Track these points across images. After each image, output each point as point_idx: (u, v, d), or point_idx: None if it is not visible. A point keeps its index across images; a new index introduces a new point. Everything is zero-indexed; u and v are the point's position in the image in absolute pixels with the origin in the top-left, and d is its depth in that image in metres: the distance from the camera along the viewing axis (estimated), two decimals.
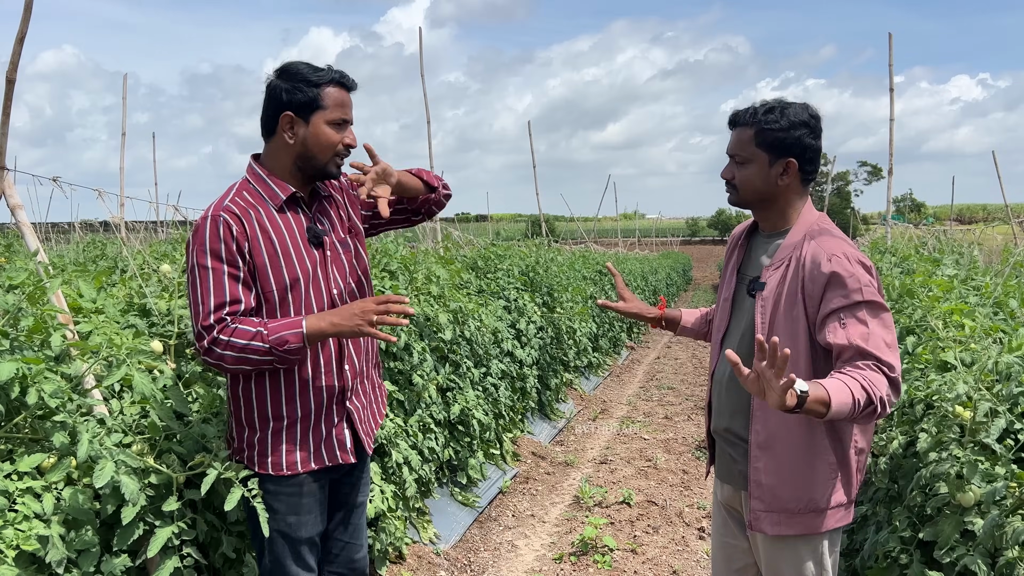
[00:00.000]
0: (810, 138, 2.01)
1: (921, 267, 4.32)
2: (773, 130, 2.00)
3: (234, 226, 1.99)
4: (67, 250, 6.43)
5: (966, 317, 2.98)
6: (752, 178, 2.05)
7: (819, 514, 2.01)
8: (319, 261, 2.14)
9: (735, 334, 2.14)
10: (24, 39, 2.19)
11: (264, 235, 2.04)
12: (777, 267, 2.02)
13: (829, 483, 2.00)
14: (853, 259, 1.92)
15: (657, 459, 5.75)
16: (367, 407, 2.31)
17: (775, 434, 2.01)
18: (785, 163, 2.02)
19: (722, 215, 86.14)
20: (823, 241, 1.97)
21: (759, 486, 2.04)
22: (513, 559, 4.11)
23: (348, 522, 2.37)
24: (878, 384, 1.83)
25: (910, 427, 2.81)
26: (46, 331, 2.05)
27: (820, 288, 1.92)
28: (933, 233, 7.04)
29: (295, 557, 2.18)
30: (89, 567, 1.85)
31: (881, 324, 1.90)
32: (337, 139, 2.09)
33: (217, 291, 1.97)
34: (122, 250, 4.34)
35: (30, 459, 1.81)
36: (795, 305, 1.96)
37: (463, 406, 4.51)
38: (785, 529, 2.02)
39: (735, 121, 2.09)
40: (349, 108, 2.12)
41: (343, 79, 2.10)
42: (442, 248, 6.37)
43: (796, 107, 2.02)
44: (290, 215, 2.11)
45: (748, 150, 2.04)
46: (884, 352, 1.87)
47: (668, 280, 21.02)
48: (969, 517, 2.22)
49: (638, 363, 10.91)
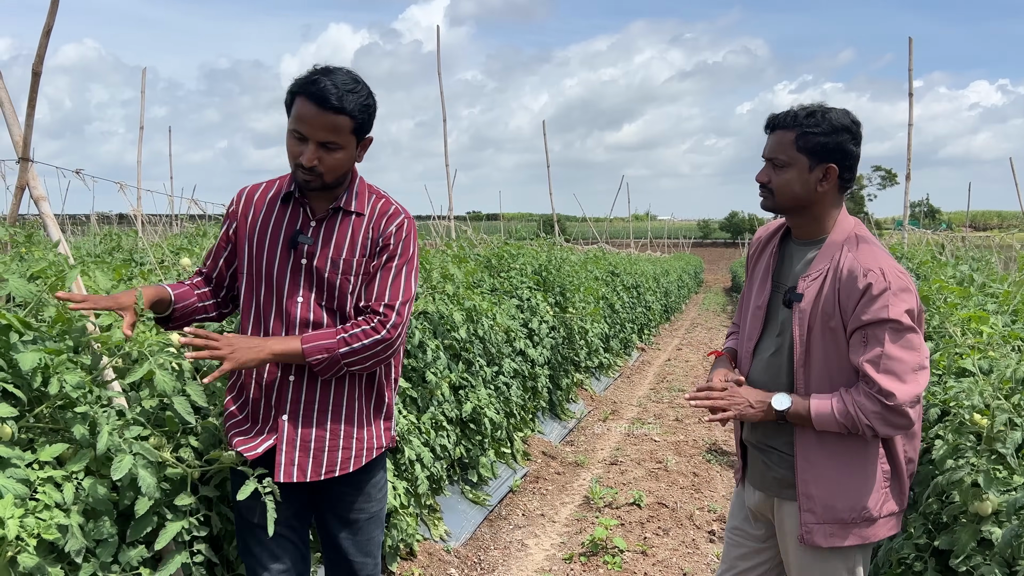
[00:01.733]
0: (851, 144, 1.99)
1: (938, 273, 4.29)
2: (815, 134, 1.97)
3: (233, 199, 2.22)
4: (83, 242, 6.48)
5: (984, 324, 2.96)
6: (791, 183, 2.01)
7: (871, 523, 2.00)
8: (290, 263, 2.10)
9: (768, 344, 2.11)
10: (51, 31, 2.21)
11: (255, 212, 2.17)
12: (815, 278, 1.99)
13: (883, 491, 1.99)
14: (890, 273, 1.90)
15: (668, 461, 5.74)
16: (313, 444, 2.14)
17: (825, 445, 1.99)
18: (825, 168, 1.98)
19: (734, 218, 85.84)
20: (861, 253, 1.95)
21: (810, 498, 2.01)
22: (523, 558, 4.11)
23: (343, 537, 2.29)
24: (866, 412, 1.89)
25: (926, 434, 2.79)
26: (68, 321, 2.06)
27: (853, 302, 1.91)
28: (951, 239, 7.00)
29: (258, 542, 2.16)
30: (107, 557, 1.87)
31: (901, 346, 1.88)
32: (294, 151, 2.01)
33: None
34: (138, 243, 4.36)
35: (51, 449, 1.82)
36: (832, 317, 1.95)
37: (475, 404, 4.51)
38: (838, 540, 2.00)
39: (774, 124, 2.05)
40: (309, 125, 1.96)
41: (313, 89, 1.95)
42: (456, 246, 6.38)
43: (838, 112, 1.99)
44: (288, 213, 2.14)
45: (788, 153, 2.00)
46: (887, 379, 1.87)
47: (680, 282, 20.96)
48: (986, 526, 2.21)
49: (649, 365, 10.89)
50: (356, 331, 2.08)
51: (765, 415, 2.01)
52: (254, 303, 2.15)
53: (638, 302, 12.52)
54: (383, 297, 2.13)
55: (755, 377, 2.13)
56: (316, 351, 2.05)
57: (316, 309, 2.11)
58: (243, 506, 2.12)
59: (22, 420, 1.86)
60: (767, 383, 2.08)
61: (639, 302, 12.63)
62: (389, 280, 2.14)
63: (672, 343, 13.44)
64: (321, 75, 1.98)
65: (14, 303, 2.12)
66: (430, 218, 8.92)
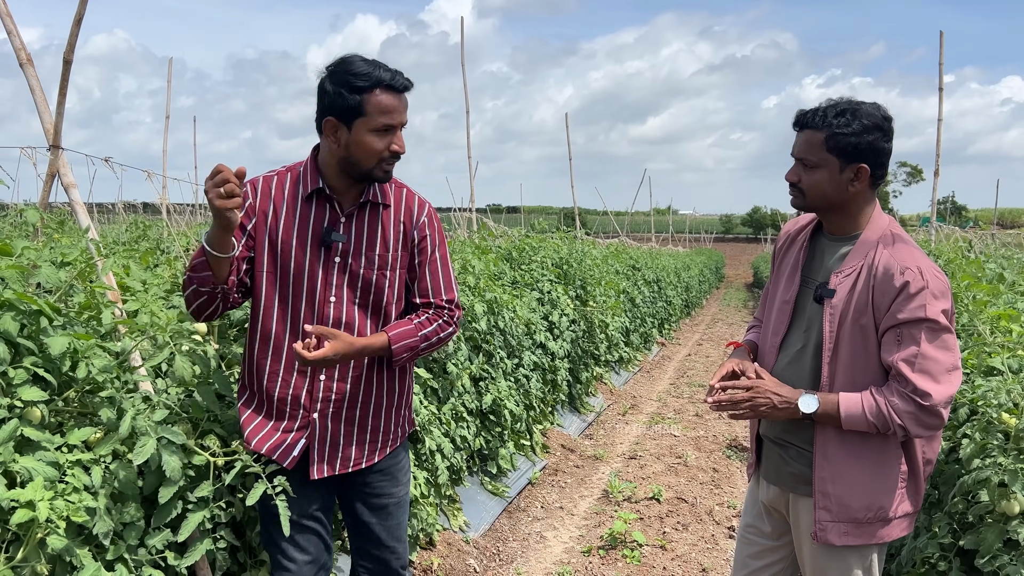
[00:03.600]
0: (883, 142, 1.94)
1: (967, 271, 4.23)
2: (845, 135, 1.91)
3: (247, 188, 2.06)
4: (110, 230, 6.55)
5: (1014, 323, 2.92)
6: (821, 183, 1.97)
7: (886, 523, 1.98)
8: (322, 262, 2.07)
9: (795, 339, 2.09)
10: (82, 20, 2.23)
11: (275, 208, 2.06)
12: (848, 274, 1.96)
13: (899, 492, 1.97)
14: (927, 273, 1.87)
15: (687, 456, 5.72)
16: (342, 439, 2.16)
17: (845, 443, 1.97)
18: (856, 168, 1.94)
19: (756, 213, 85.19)
20: (897, 251, 1.92)
21: (826, 496, 1.99)
22: (542, 550, 4.12)
23: (374, 522, 2.29)
24: (899, 412, 1.87)
25: (953, 432, 2.76)
26: (96, 308, 2.09)
27: (888, 300, 1.88)
28: (980, 236, 6.90)
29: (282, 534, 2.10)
30: (133, 540, 1.89)
31: (937, 347, 1.85)
32: (380, 147, 2.00)
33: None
34: (165, 231, 4.40)
35: (79, 432, 1.85)
36: (864, 314, 1.92)
37: (495, 396, 4.52)
38: (852, 539, 1.98)
39: (803, 123, 2.00)
40: (397, 112, 2.00)
41: (393, 81, 1.98)
42: (478, 237, 6.38)
43: (868, 108, 1.94)
44: (315, 208, 2.08)
45: (818, 155, 1.95)
46: (922, 378, 1.84)
47: (701, 277, 20.85)
48: (1013, 526, 2.18)
49: (669, 360, 10.85)
50: (432, 327, 2.16)
51: (790, 415, 1.99)
52: (284, 304, 2.08)
53: (659, 296, 12.47)
54: (441, 291, 2.19)
55: (779, 372, 2.10)
56: (402, 350, 2.11)
57: (349, 308, 2.11)
58: (268, 498, 2.13)
59: (52, 404, 1.89)
60: (792, 379, 2.06)
61: (660, 296, 12.58)
62: (439, 272, 2.20)
63: (693, 338, 13.38)
64: (374, 65, 1.98)
65: (44, 288, 2.15)
66: (451, 210, 8.93)
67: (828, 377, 1.98)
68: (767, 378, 2.04)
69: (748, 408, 2.01)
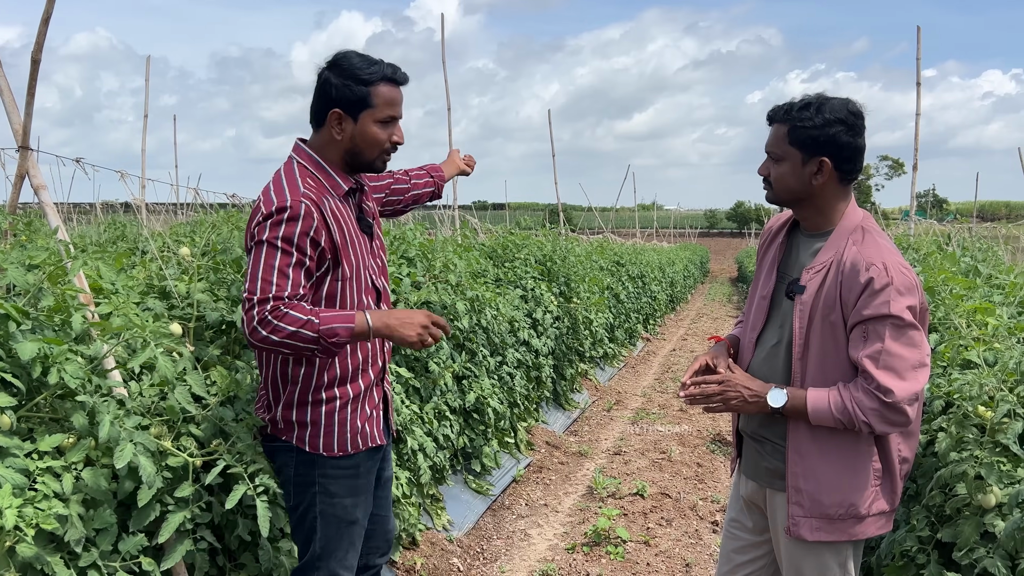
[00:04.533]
0: (847, 136, 1.94)
1: (944, 264, 4.26)
2: (806, 128, 1.94)
3: (315, 214, 1.98)
4: (88, 230, 6.48)
5: (989, 316, 2.94)
6: (785, 176, 2.00)
7: (859, 521, 1.98)
8: (367, 249, 2.19)
9: (771, 334, 2.10)
10: (50, 19, 2.20)
11: (336, 223, 2.05)
12: (818, 270, 1.97)
13: (872, 489, 1.98)
14: (893, 269, 1.87)
15: (672, 451, 5.74)
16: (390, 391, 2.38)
17: (817, 439, 1.98)
18: (818, 162, 1.95)
19: (740, 207, 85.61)
20: (865, 247, 1.92)
21: (798, 491, 2.01)
22: (526, 548, 4.11)
23: (381, 496, 2.41)
24: (863, 408, 1.88)
25: (929, 426, 2.77)
26: (67, 311, 2.06)
27: (855, 296, 1.89)
28: (958, 229, 6.96)
29: (348, 541, 2.20)
30: (107, 546, 1.87)
31: (903, 343, 1.86)
32: (384, 137, 2.10)
33: (281, 274, 1.94)
34: (142, 232, 4.36)
35: (50, 439, 1.82)
36: (833, 310, 1.93)
37: (478, 394, 4.51)
38: (824, 535, 1.99)
39: (772, 117, 2.03)
40: (399, 105, 2.11)
41: (395, 75, 2.09)
42: (460, 236, 6.36)
43: (835, 103, 1.95)
44: (347, 205, 2.15)
45: (782, 147, 1.99)
46: (886, 375, 1.85)
47: (685, 272, 20.91)
48: (989, 519, 2.19)
49: (654, 355, 10.88)
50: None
51: (760, 409, 2.01)
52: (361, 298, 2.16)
53: (643, 292, 12.50)
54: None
55: (756, 367, 2.12)
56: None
57: (384, 281, 2.30)
58: (346, 504, 2.17)
59: (21, 410, 1.86)
60: (767, 374, 2.07)
61: (644, 292, 12.61)
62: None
63: (677, 333, 13.42)
64: (374, 61, 2.07)
65: (13, 292, 2.12)
66: (435, 207, 8.89)
67: (799, 372, 1.99)
68: (738, 372, 2.06)
69: (720, 402, 2.04)
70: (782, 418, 2.02)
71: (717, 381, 2.04)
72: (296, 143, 2.16)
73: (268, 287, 1.93)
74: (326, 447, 2.13)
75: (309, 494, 2.15)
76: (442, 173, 2.75)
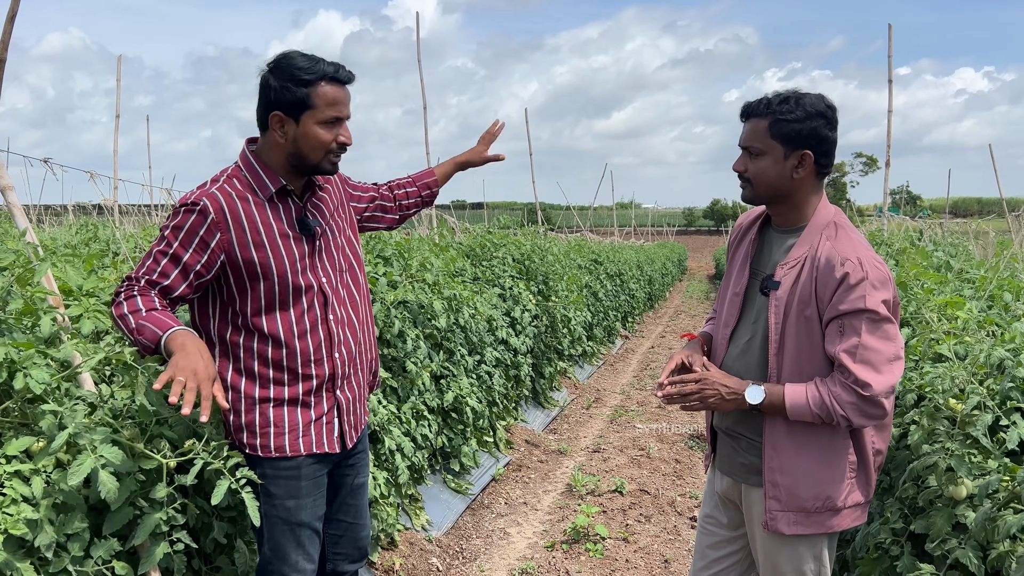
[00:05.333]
0: (827, 129, 1.96)
1: (915, 260, 4.32)
2: (788, 120, 1.94)
3: (211, 213, 1.98)
4: (59, 232, 6.39)
5: (959, 310, 2.98)
6: (766, 171, 1.99)
7: (836, 513, 2.00)
8: (308, 252, 2.12)
9: (744, 331, 2.11)
10: (15, 17, 2.16)
11: (250, 224, 2.03)
12: (792, 266, 1.98)
13: (848, 482, 2.00)
14: (867, 263, 1.89)
15: (650, 448, 5.76)
16: (358, 400, 2.29)
17: (792, 434, 1.99)
18: (801, 155, 1.96)
19: (716, 205, 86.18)
20: (840, 242, 1.94)
21: (775, 486, 2.02)
22: (505, 546, 4.11)
23: (350, 503, 2.38)
24: (841, 402, 1.89)
25: (901, 419, 2.80)
26: (35, 314, 2.03)
27: (830, 291, 1.90)
28: (930, 225, 7.05)
29: (296, 543, 2.17)
30: (78, 551, 1.84)
31: (878, 337, 1.87)
32: (328, 138, 2.05)
33: (152, 259, 2.00)
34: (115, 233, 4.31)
35: (18, 443, 1.79)
36: (808, 305, 1.94)
37: (457, 393, 4.50)
38: (802, 528, 2.01)
39: (748, 112, 2.02)
40: (343, 104, 2.06)
41: (337, 74, 2.03)
42: (437, 235, 6.35)
43: (812, 97, 1.97)
44: (280, 206, 2.09)
45: (763, 141, 1.98)
46: (863, 369, 1.86)
47: (663, 270, 21.00)
48: (961, 510, 2.22)
49: (632, 352, 10.92)
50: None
51: (738, 406, 2.01)
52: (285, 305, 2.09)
53: (621, 290, 12.54)
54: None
55: (730, 364, 2.13)
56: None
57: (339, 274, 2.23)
58: (288, 506, 2.14)
59: None
60: (741, 370, 2.08)
61: (622, 290, 12.65)
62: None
63: (656, 330, 13.48)
64: (316, 60, 2.03)
65: None
66: None
67: (775, 368, 2.00)
68: (713, 370, 2.07)
69: (697, 400, 2.04)
70: (758, 414, 2.03)
71: (694, 380, 2.04)
72: (244, 145, 2.14)
73: (139, 268, 2.01)
74: (263, 448, 2.11)
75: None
76: (434, 178, 2.68)
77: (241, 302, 2.06)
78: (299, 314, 2.11)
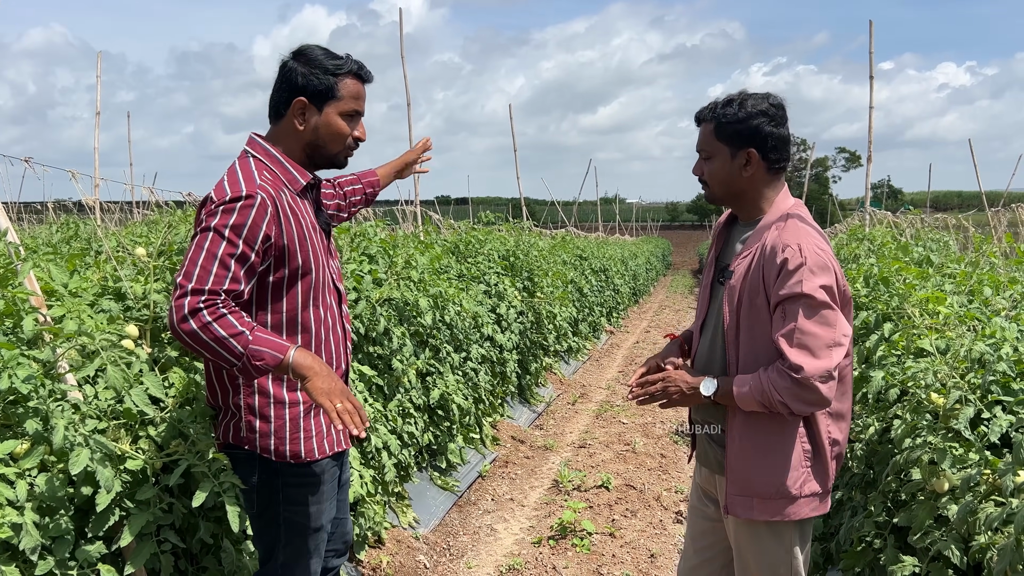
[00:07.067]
0: (770, 126, 2.02)
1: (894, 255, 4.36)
2: (730, 122, 2.03)
3: (269, 207, 1.89)
4: (40, 231, 6.32)
5: (941, 305, 3.01)
6: (718, 172, 2.08)
7: (790, 501, 2.02)
8: (324, 247, 2.14)
9: (711, 323, 2.17)
10: None
11: (294, 218, 1.98)
12: (745, 256, 2.04)
13: (802, 471, 2.02)
14: (807, 249, 1.91)
15: (636, 443, 5.79)
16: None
17: (748, 422, 2.04)
18: (746, 154, 2.03)
19: (700, 200, 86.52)
20: (786, 230, 1.98)
21: (733, 471, 2.07)
22: (492, 543, 4.12)
23: (339, 499, 2.38)
24: (778, 388, 1.92)
25: (884, 413, 2.83)
26: (17, 314, 2.01)
27: (772, 277, 1.94)
28: (911, 220, 7.11)
29: (314, 548, 2.17)
30: (63, 554, 1.83)
31: (816, 322, 1.89)
32: (348, 131, 2.08)
33: (222, 264, 1.82)
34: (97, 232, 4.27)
35: (3, 446, 1.78)
36: (758, 294, 1.98)
37: (443, 391, 4.50)
38: (757, 514, 2.05)
39: (699, 118, 2.12)
40: (363, 101, 2.11)
41: (361, 71, 2.08)
42: (422, 232, 6.34)
43: (756, 97, 2.04)
44: (304, 200, 2.08)
45: (711, 144, 2.08)
46: (798, 353, 1.88)
47: (648, 265, 21.08)
48: (943, 503, 2.25)
49: (618, 347, 10.95)
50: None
51: (699, 399, 2.07)
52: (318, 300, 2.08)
53: (606, 285, 12.57)
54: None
55: (700, 355, 2.19)
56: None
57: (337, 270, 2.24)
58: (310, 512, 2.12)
59: None
60: (707, 361, 2.15)
61: (607, 285, 12.69)
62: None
63: (641, 325, 13.53)
64: (341, 55, 2.06)
65: None
66: (397, 203, 8.82)
67: (733, 358, 2.06)
68: (671, 368, 2.17)
69: (663, 396, 2.12)
70: (724, 406, 2.09)
71: (660, 379, 2.13)
72: (251, 137, 2.09)
73: (206, 276, 1.80)
74: (292, 455, 2.05)
75: (274, 503, 2.10)
76: (377, 178, 2.68)
77: (288, 300, 2.00)
78: (326, 310, 2.11)
